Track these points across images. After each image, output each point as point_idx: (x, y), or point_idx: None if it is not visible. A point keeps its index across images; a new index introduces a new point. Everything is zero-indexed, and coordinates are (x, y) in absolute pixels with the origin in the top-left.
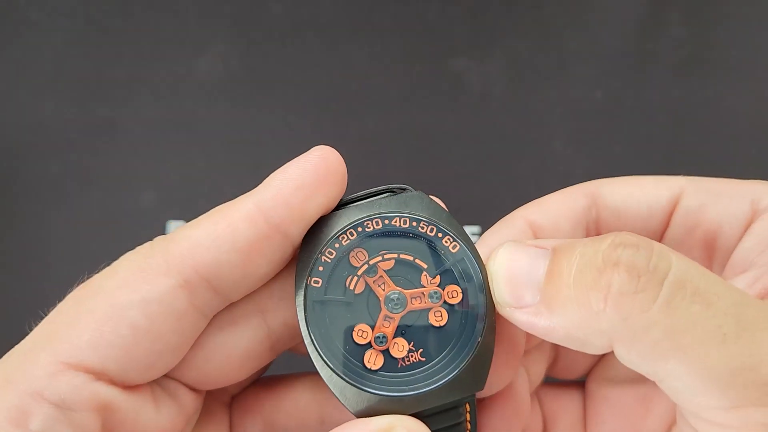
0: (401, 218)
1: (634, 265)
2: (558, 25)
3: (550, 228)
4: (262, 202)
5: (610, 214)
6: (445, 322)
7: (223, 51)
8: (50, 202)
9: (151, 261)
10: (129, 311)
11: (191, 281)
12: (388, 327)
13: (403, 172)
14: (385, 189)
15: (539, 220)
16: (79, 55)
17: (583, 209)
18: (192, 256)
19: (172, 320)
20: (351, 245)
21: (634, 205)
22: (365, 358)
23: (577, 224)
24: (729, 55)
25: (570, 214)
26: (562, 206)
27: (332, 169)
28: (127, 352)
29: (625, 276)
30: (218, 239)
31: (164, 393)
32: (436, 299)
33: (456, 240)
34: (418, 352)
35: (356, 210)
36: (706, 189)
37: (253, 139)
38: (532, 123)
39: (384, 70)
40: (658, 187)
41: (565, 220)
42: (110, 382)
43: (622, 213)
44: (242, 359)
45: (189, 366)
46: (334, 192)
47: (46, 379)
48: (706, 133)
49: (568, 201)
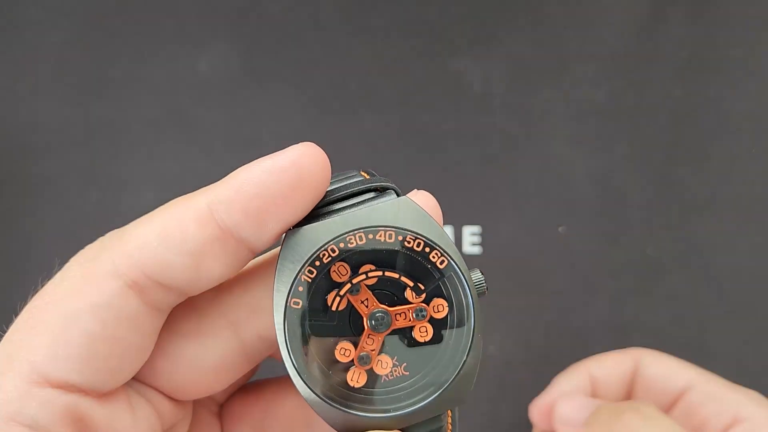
0: (386, 232)
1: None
2: (559, 25)
3: (602, 379)
4: (215, 204)
5: (642, 385)
6: (430, 337)
7: (223, 50)
8: (49, 202)
9: (98, 263)
10: (81, 319)
11: (139, 282)
12: (371, 345)
13: (402, 172)
14: (368, 188)
15: (597, 372)
16: (78, 54)
17: (629, 372)
18: (139, 257)
19: (126, 322)
20: (332, 261)
21: (658, 383)
22: (348, 376)
23: (623, 381)
24: (731, 55)
25: (618, 374)
26: (613, 367)
27: (305, 177)
28: (86, 360)
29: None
30: (166, 239)
31: (141, 399)
32: (421, 317)
33: (444, 255)
34: (402, 366)
35: (337, 221)
36: (705, 392)
37: (252, 138)
38: (533, 123)
39: (383, 69)
40: (677, 375)
41: (613, 378)
42: (79, 392)
43: (649, 386)
44: (215, 371)
45: (160, 374)
46: (303, 202)
47: (16, 402)
48: (707, 133)
49: (617, 362)
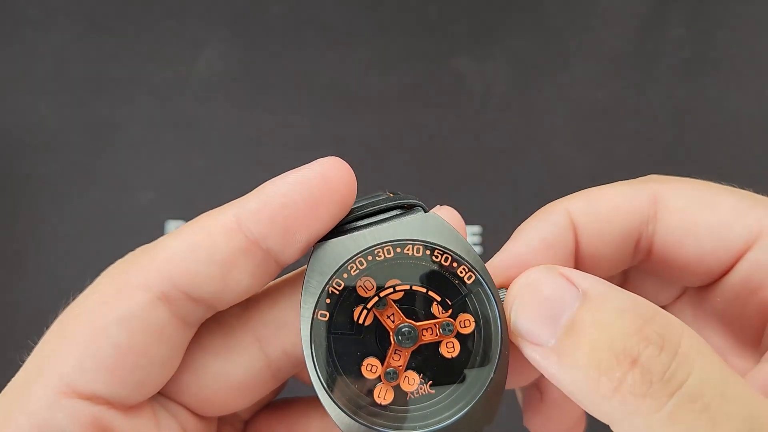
0: (414, 246)
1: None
2: (559, 25)
3: (594, 236)
4: (242, 215)
5: (669, 239)
6: (458, 353)
7: (222, 50)
8: (48, 201)
9: (129, 276)
10: (110, 330)
11: (169, 294)
12: (398, 361)
13: (403, 173)
14: (395, 205)
15: (583, 220)
16: (78, 54)
17: (639, 221)
18: (168, 269)
19: (154, 334)
20: (360, 275)
21: (700, 237)
22: (375, 393)
23: (628, 239)
24: (731, 55)
25: (622, 224)
26: (616, 212)
27: (331, 189)
28: (113, 371)
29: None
30: (195, 251)
31: (167, 414)
32: (448, 331)
33: (472, 270)
34: (428, 384)
35: (365, 235)
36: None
37: (252, 138)
38: (533, 123)
39: (384, 69)
40: (736, 221)
41: (614, 230)
42: (106, 404)
43: (682, 241)
44: (241, 387)
45: (186, 390)
46: (329, 214)
47: (44, 412)
48: (708, 133)
49: (623, 205)
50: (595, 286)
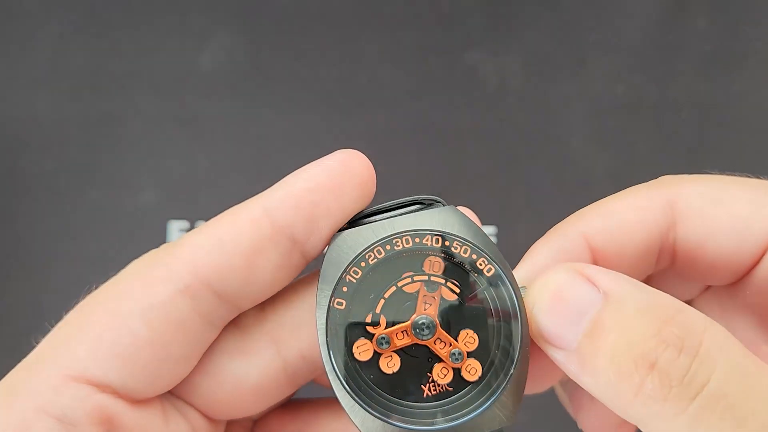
0: (433, 236)
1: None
2: (577, 17)
3: (613, 257)
4: (268, 202)
5: (690, 244)
6: (476, 347)
7: (227, 43)
8: (47, 200)
9: (153, 268)
10: (129, 320)
11: (192, 286)
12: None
13: (414, 171)
14: (414, 200)
15: (601, 243)
16: (76, 47)
17: (659, 234)
18: (193, 261)
19: (174, 328)
20: (378, 264)
21: (721, 237)
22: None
23: (648, 254)
24: (755, 48)
25: (640, 242)
26: (633, 230)
27: (353, 175)
28: (128, 362)
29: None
30: (220, 241)
31: (176, 413)
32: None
33: (491, 262)
34: (449, 375)
35: (384, 225)
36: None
37: (257, 135)
38: (550, 119)
39: (395, 63)
40: (754, 215)
41: (633, 250)
42: (114, 394)
43: (704, 244)
44: (256, 391)
45: (198, 391)
46: (351, 200)
47: (49, 393)
48: (731, 129)
49: (640, 221)
50: (616, 286)
